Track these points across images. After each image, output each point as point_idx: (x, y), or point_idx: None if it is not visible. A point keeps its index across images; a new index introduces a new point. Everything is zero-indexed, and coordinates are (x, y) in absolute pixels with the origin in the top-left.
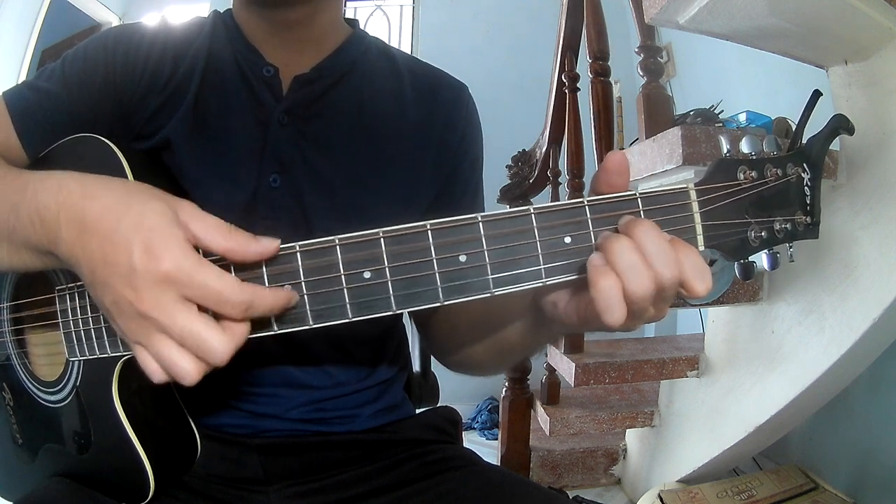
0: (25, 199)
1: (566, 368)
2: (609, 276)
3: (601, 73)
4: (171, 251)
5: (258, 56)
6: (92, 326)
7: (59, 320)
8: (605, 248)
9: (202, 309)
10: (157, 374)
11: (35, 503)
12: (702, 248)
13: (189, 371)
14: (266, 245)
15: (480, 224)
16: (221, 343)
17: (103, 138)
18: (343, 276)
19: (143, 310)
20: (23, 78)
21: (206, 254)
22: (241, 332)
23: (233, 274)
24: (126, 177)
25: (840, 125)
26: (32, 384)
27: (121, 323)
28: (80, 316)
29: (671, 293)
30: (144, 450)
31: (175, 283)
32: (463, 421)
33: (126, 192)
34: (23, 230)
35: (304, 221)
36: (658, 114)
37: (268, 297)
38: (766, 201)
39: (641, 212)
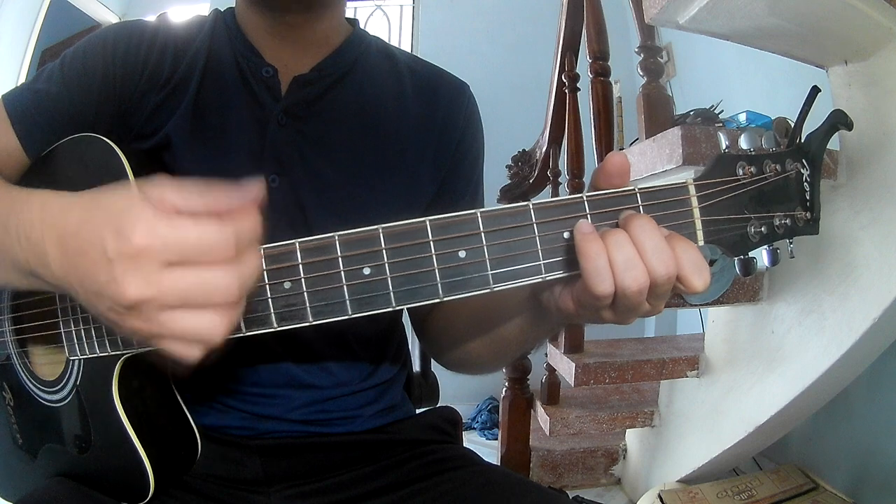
0: (13, 215)
1: (566, 368)
2: (596, 241)
3: (601, 73)
4: (140, 224)
5: (258, 56)
6: (92, 325)
7: (59, 319)
8: (602, 239)
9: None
10: (191, 353)
11: (35, 503)
12: (701, 243)
13: (215, 325)
14: (250, 190)
15: (479, 220)
16: (223, 277)
17: (103, 137)
18: (343, 273)
19: (131, 298)
20: (23, 78)
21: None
22: (249, 266)
23: None
24: (126, 176)
25: (839, 121)
26: (33, 383)
27: (126, 327)
28: (80, 314)
29: (666, 289)
30: (144, 449)
31: (152, 253)
32: (463, 421)
33: (94, 195)
34: (10, 247)
35: (303, 222)
36: (658, 114)
37: (248, 223)
38: (766, 197)
39: (640, 207)
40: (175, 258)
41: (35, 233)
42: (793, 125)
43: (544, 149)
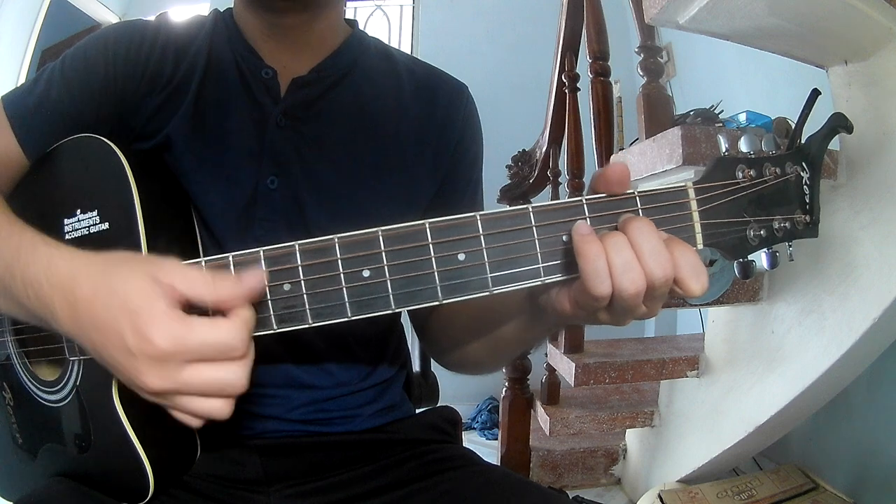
0: (18, 265)
1: (566, 368)
2: (595, 243)
3: (601, 73)
4: (159, 328)
5: (257, 58)
6: None
7: None
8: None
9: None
10: (194, 422)
11: (35, 503)
12: (700, 246)
13: (221, 409)
14: (252, 283)
15: (479, 222)
16: (237, 374)
17: (103, 138)
18: (342, 275)
19: (154, 388)
20: (23, 78)
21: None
22: (252, 354)
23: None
24: (126, 177)
25: (838, 124)
26: (32, 383)
27: (140, 394)
28: None
29: (663, 291)
30: (144, 449)
31: (174, 355)
32: (463, 421)
33: (105, 272)
34: (17, 293)
35: (301, 223)
36: (658, 114)
37: (251, 314)
38: (765, 200)
39: (640, 210)
40: (194, 358)
41: (43, 291)
42: (793, 125)
43: (544, 149)
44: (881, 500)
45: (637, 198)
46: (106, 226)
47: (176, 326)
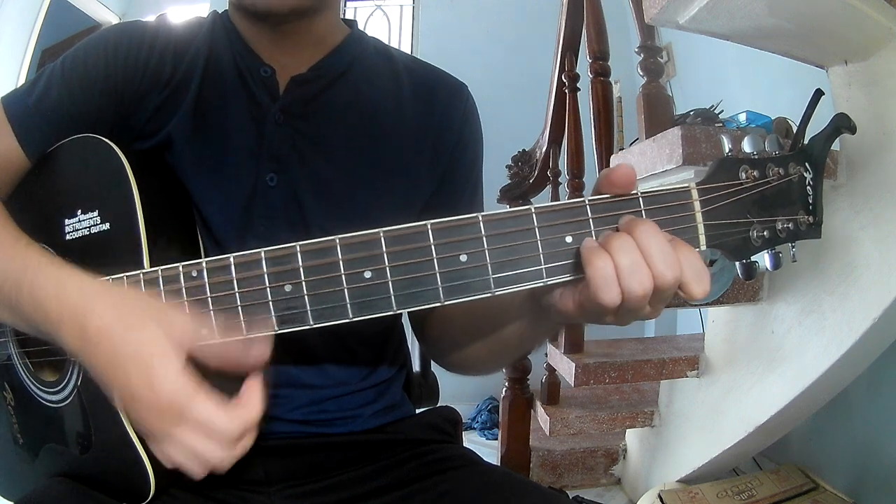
0: (25, 282)
1: (566, 368)
2: (603, 255)
3: (601, 73)
4: (168, 384)
5: (256, 57)
6: None
7: None
8: (606, 245)
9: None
10: (168, 465)
11: (35, 503)
12: (703, 247)
13: (195, 470)
14: (261, 352)
15: (481, 223)
16: (220, 456)
17: (104, 138)
18: (344, 276)
19: (148, 428)
20: (23, 78)
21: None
22: (241, 447)
23: (235, 283)
24: (127, 177)
25: (842, 124)
26: (33, 384)
27: (134, 425)
28: None
29: (670, 293)
30: (145, 449)
31: (173, 412)
32: (463, 421)
33: (120, 312)
34: (24, 310)
35: (301, 220)
36: (658, 114)
37: (256, 412)
38: (768, 201)
39: (643, 211)
40: (188, 425)
41: (52, 312)
42: (793, 126)
43: (544, 149)
44: (881, 500)
45: (640, 198)
46: (107, 226)
47: (182, 391)
